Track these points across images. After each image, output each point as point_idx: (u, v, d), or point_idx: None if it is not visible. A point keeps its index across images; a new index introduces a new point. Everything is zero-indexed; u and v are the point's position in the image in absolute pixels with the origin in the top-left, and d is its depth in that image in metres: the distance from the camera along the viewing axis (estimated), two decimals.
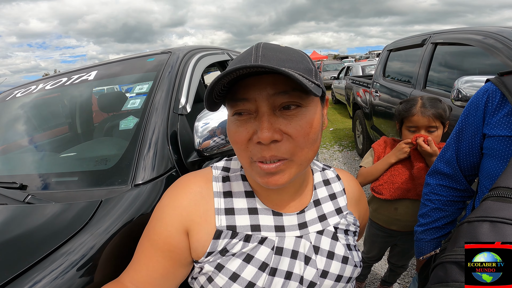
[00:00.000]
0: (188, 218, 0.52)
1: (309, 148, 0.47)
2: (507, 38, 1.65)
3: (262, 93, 0.43)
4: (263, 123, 0.43)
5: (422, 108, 1.19)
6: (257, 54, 0.44)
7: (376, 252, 1.53)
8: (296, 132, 0.44)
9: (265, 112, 0.44)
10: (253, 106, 0.45)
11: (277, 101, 0.44)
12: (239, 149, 0.48)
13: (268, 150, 0.44)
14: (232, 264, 0.50)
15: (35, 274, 0.53)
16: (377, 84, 3.50)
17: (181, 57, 1.28)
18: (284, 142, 0.44)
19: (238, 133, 0.46)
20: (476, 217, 0.53)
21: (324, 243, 0.55)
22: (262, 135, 0.42)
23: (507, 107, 0.68)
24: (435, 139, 1.20)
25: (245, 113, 0.46)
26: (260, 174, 0.46)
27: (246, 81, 0.44)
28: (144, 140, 0.90)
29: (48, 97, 1.42)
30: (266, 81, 0.43)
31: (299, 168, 0.47)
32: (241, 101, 0.45)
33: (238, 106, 0.46)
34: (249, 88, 0.44)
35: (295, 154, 0.46)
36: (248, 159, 0.47)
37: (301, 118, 0.45)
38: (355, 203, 0.65)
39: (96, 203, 0.70)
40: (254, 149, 0.45)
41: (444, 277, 0.54)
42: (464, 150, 0.81)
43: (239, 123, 0.46)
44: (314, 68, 0.47)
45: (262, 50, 0.45)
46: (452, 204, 0.87)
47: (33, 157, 1.13)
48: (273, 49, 0.46)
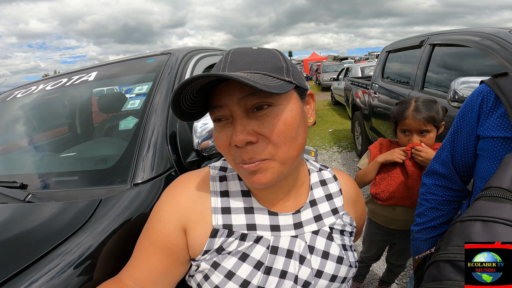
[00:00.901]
0: (186, 217, 0.53)
1: (289, 146, 0.47)
2: (504, 40, 1.66)
3: (232, 98, 0.45)
4: (236, 127, 0.44)
5: (414, 112, 1.21)
6: (226, 61, 0.47)
7: (374, 251, 1.54)
8: (270, 131, 0.45)
9: (238, 115, 0.45)
10: (228, 111, 0.46)
11: (247, 103, 0.45)
12: (224, 153, 0.50)
13: (246, 152, 0.45)
14: (228, 262, 0.51)
15: (35, 271, 0.53)
16: (376, 85, 3.51)
17: (180, 58, 1.28)
18: (260, 143, 0.45)
19: (219, 138, 0.48)
20: (469, 217, 0.54)
21: (319, 243, 0.56)
22: (236, 138, 0.44)
23: (501, 108, 0.69)
24: (427, 142, 1.22)
25: (223, 119, 0.47)
26: (244, 175, 0.48)
27: (218, 88, 0.46)
28: (143, 140, 0.91)
29: (49, 97, 1.43)
30: (234, 86, 0.44)
31: (282, 166, 0.48)
32: (216, 108, 0.47)
33: (215, 113, 0.48)
34: (221, 94, 0.46)
35: (274, 154, 0.46)
36: (233, 162, 0.49)
37: (273, 117, 0.45)
38: (352, 204, 0.66)
39: (96, 202, 0.71)
40: (235, 153, 0.47)
41: (437, 275, 0.54)
42: (459, 151, 0.82)
43: (219, 129, 0.48)
44: (285, 66, 0.48)
45: (231, 56, 0.47)
46: (448, 204, 0.88)
47: (34, 157, 1.14)
48: (242, 53, 0.48)
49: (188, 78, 0.40)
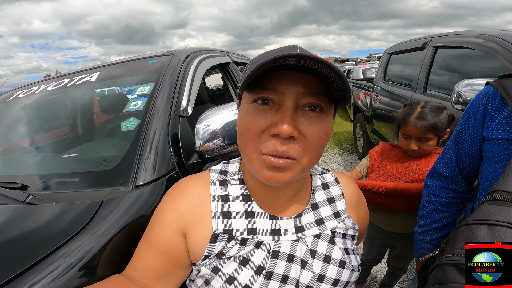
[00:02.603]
0: (186, 221, 0.53)
1: (316, 154, 0.47)
2: (508, 41, 1.66)
3: (292, 88, 0.44)
4: (286, 117, 0.43)
5: (416, 119, 1.19)
6: (295, 50, 0.45)
7: (375, 254, 1.53)
8: (313, 135, 0.45)
9: (290, 107, 0.44)
10: (279, 98, 0.44)
11: (303, 100, 0.44)
12: (249, 139, 0.46)
13: (283, 144, 0.44)
14: (228, 267, 0.50)
15: (35, 273, 0.53)
16: (377, 87, 3.51)
17: (182, 59, 1.28)
18: (298, 141, 0.45)
19: (254, 121, 0.45)
20: (474, 220, 0.54)
21: (320, 247, 0.55)
22: (283, 128, 0.42)
23: (507, 110, 0.68)
24: (426, 148, 1.22)
25: (269, 102, 0.45)
26: (262, 168, 0.46)
27: (278, 74, 0.44)
28: (145, 141, 0.90)
29: (50, 98, 1.43)
30: (298, 79, 0.44)
31: (301, 171, 0.47)
32: (268, 90, 0.44)
33: (263, 94, 0.45)
34: (281, 81, 0.44)
35: (303, 156, 0.46)
36: (256, 151, 0.46)
37: (320, 122, 0.45)
38: (354, 207, 0.65)
39: (97, 204, 0.70)
40: (267, 141, 0.45)
41: (442, 278, 0.54)
42: (463, 152, 0.81)
43: (258, 112, 0.45)
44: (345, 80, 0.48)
45: (299, 48, 0.46)
46: (452, 206, 0.88)
47: (35, 158, 1.14)
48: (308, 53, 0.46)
49: (288, 53, 0.39)
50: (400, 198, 1.19)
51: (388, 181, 1.29)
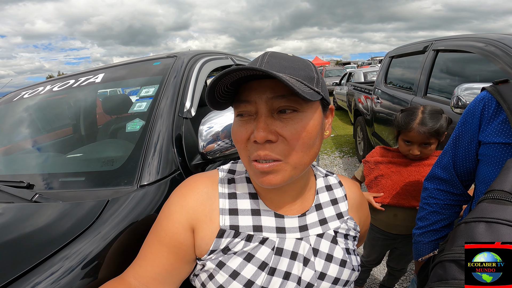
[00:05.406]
0: (194, 217, 0.54)
1: (304, 152, 0.49)
2: (508, 46, 1.67)
3: (262, 96, 0.47)
4: (260, 124, 0.46)
5: (419, 126, 1.20)
6: (262, 61, 0.48)
7: (375, 255, 1.54)
8: (291, 135, 0.47)
9: (263, 113, 0.47)
10: (254, 108, 0.48)
11: (275, 104, 0.47)
12: (240, 148, 0.51)
13: (263, 149, 0.47)
14: (233, 262, 0.52)
15: (42, 271, 0.54)
16: (378, 90, 3.51)
17: (186, 61, 1.30)
18: (278, 143, 0.47)
19: (239, 132, 0.50)
20: (473, 218, 0.55)
21: (323, 246, 0.57)
22: (258, 134, 0.45)
23: (502, 115, 0.70)
24: (428, 152, 1.24)
25: (246, 114, 0.49)
26: (256, 173, 0.49)
27: (249, 84, 0.48)
28: (150, 142, 0.92)
29: (56, 98, 1.44)
30: (266, 85, 0.46)
31: (293, 171, 0.49)
32: (243, 102, 0.48)
33: (240, 108, 0.49)
34: (251, 91, 0.47)
35: (288, 156, 0.48)
36: (247, 158, 0.50)
37: (296, 122, 0.47)
38: (356, 209, 0.67)
39: (103, 203, 0.72)
40: (251, 148, 0.49)
41: (443, 275, 0.56)
42: (460, 156, 0.83)
43: (241, 123, 0.50)
44: (316, 76, 0.50)
45: (268, 57, 0.49)
46: (449, 208, 0.90)
47: (41, 157, 1.15)
48: (278, 57, 0.49)
49: (233, 67, 0.42)
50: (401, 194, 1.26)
51: (388, 182, 1.31)
